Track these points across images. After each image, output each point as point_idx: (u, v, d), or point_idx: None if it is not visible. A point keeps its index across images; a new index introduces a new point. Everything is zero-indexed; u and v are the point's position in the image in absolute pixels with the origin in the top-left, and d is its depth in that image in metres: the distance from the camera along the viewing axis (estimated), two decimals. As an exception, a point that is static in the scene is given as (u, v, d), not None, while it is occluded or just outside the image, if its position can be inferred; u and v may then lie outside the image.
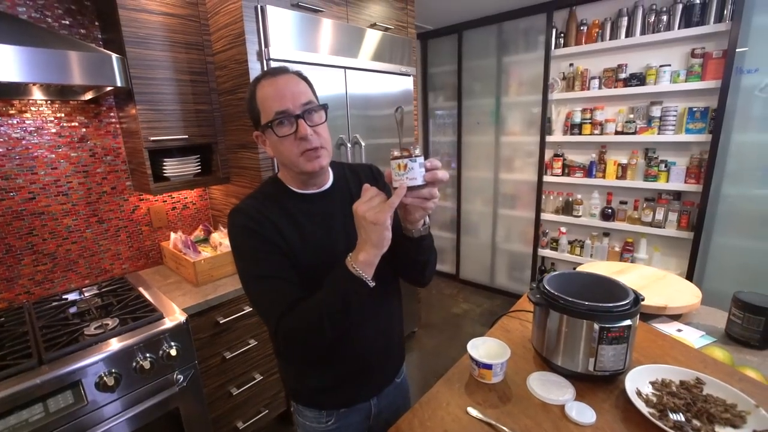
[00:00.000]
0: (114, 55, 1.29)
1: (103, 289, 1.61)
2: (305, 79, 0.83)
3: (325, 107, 0.81)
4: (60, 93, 1.52)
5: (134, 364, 1.23)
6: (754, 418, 0.73)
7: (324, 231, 0.84)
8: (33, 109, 1.50)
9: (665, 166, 2.35)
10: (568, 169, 2.77)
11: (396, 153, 0.68)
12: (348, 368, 0.90)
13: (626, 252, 2.59)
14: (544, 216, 2.97)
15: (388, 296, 0.95)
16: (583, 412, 0.78)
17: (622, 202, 2.58)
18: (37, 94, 1.48)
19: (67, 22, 1.52)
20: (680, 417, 0.74)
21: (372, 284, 0.71)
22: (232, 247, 0.82)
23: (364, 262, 0.70)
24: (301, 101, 0.77)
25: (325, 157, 0.80)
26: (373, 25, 1.98)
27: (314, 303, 0.73)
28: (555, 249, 2.95)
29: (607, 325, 0.83)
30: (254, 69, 1.50)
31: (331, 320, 0.71)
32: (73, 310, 1.44)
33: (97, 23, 1.59)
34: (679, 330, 1.21)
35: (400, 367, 1.05)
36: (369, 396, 0.96)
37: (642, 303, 0.88)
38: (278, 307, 0.75)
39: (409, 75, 2.16)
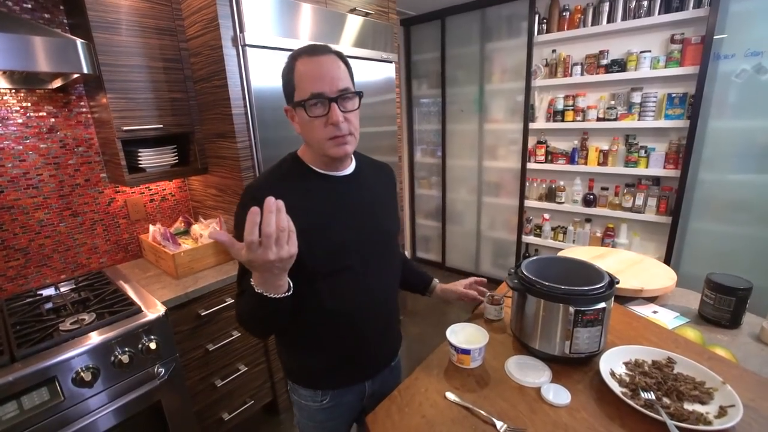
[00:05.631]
0: (79, 41, 1.23)
1: (80, 284, 1.57)
2: (345, 62, 0.82)
3: (359, 95, 0.81)
4: (25, 81, 1.45)
5: (112, 358, 1.21)
6: (720, 395, 0.75)
7: (339, 211, 0.86)
8: (-4, 98, 1.43)
9: (645, 152, 2.39)
10: (551, 156, 2.80)
11: (489, 296, 1.14)
12: (346, 351, 0.92)
13: (607, 237, 2.64)
14: (528, 203, 3.00)
15: (388, 283, 0.98)
16: (558, 394, 0.80)
17: (603, 189, 2.62)
18: (1, 83, 1.41)
19: (29, 6, 1.45)
20: (651, 395, 0.76)
21: (285, 295, 0.71)
22: (234, 221, 0.85)
23: (268, 286, 0.68)
24: (338, 86, 0.77)
25: (352, 144, 0.82)
26: (352, 10, 1.94)
27: (246, 304, 0.77)
28: (539, 235, 2.99)
29: (582, 308, 0.84)
30: (229, 55, 1.46)
31: (262, 321, 0.79)
32: (48, 305, 1.40)
33: (62, 7, 1.52)
34: (655, 311, 1.24)
35: (397, 351, 1.08)
36: (365, 378, 0.98)
37: (619, 286, 0.90)
38: (239, 292, 0.82)
39: (391, 62, 2.12)
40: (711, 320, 1.18)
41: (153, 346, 1.28)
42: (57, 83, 1.50)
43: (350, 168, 0.91)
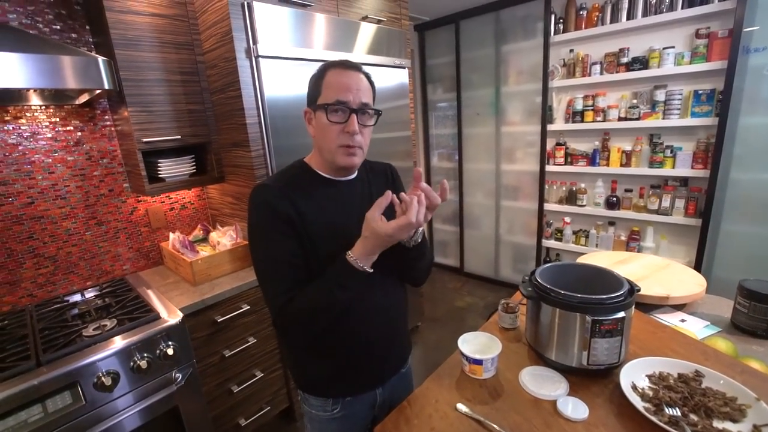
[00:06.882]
0: (100, 58, 1.29)
1: (104, 291, 1.63)
2: (372, 83, 0.88)
3: (378, 114, 0.86)
4: (54, 98, 1.52)
5: (132, 363, 1.24)
6: (754, 412, 0.70)
7: (344, 216, 0.88)
8: (28, 114, 1.51)
9: (671, 152, 2.29)
10: (570, 157, 2.72)
11: (503, 304, 1.12)
12: (353, 357, 0.91)
13: (632, 241, 2.53)
14: (548, 206, 2.92)
15: (393, 288, 0.97)
16: (575, 408, 0.76)
17: (627, 190, 2.53)
18: (34, 100, 1.49)
19: (58, 27, 1.52)
20: (677, 411, 0.72)
21: (371, 271, 0.79)
22: (249, 224, 0.85)
23: (367, 259, 0.78)
24: (362, 99, 0.82)
25: (360, 157, 0.87)
26: (364, 18, 1.95)
27: (317, 291, 0.79)
28: (559, 239, 2.90)
29: (599, 318, 0.80)
30: (243, 66, 1.49)
31: (333, 307, 0.80)
32: (74, 311, 1.46)
33: (87, 27, 1.59)
34: (683, 320, 1.18)
35: (407, 358, 1.07)
36: (374, 385, 0.97)
37: (643, 293, 0.86)
38: (284, 290, 0.80)
39: (404, 68, 2.12)
40: (745, 330, 1.10)
41: (170, 351, 1.30)
42: (83, 98, 1.57)
43: (352, 176, 0.94)
